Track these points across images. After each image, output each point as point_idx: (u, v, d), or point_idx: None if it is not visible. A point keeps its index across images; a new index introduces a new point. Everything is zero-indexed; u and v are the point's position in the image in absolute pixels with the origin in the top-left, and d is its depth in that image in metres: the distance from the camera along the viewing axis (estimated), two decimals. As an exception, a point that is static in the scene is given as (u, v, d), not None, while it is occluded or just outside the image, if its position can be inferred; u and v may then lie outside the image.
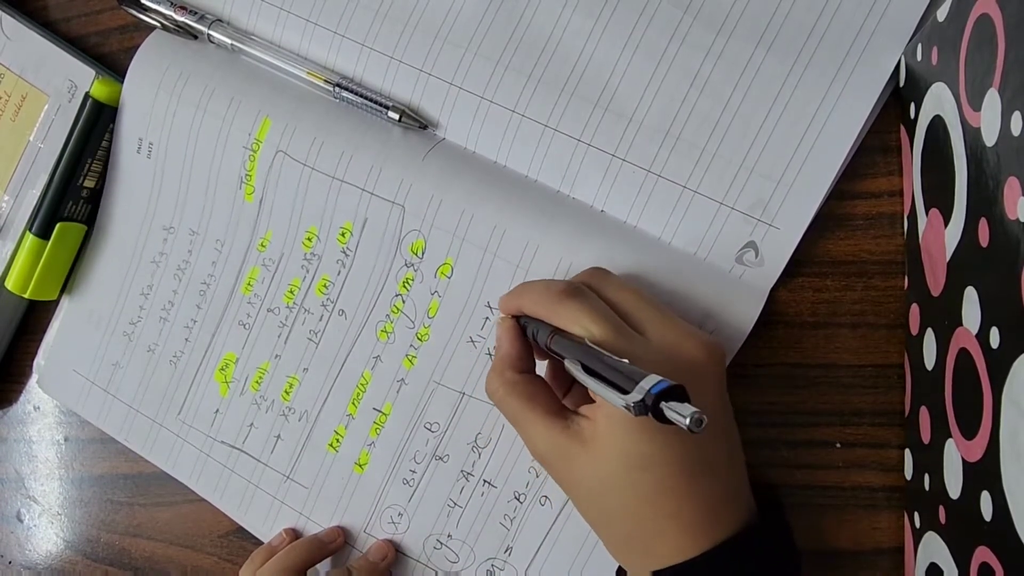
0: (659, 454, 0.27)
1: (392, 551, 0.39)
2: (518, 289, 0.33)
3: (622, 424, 0.27)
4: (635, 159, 0.35)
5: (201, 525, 0.44)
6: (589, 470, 0.29)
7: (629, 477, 0.28)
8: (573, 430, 0.29)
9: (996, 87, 0.24)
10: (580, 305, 0.29)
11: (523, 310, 0.32)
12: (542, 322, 0.31)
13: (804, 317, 0.35)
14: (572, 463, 0.29)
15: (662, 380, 0.23)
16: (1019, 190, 0.22)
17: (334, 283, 0.39)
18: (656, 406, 0.22)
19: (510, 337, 0.32)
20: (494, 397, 0.31)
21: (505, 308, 0.33)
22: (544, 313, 0.30)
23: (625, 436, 0.27)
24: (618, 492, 0.28)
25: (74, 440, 0.47)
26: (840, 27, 0.33)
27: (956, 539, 0.28)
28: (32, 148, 0.43)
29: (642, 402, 0.23)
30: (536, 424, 0.30)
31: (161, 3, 0.41)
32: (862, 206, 0.34)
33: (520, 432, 0.31)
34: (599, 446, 0.28)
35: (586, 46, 0.35)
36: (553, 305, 0.30)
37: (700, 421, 0.21)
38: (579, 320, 0.29)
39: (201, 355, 0.42)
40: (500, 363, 0.32)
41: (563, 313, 0.29)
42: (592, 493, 0.29)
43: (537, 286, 0.32)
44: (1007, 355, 0.23)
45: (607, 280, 0.32)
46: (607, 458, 0.28)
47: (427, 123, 0.38)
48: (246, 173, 0.40)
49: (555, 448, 0.29)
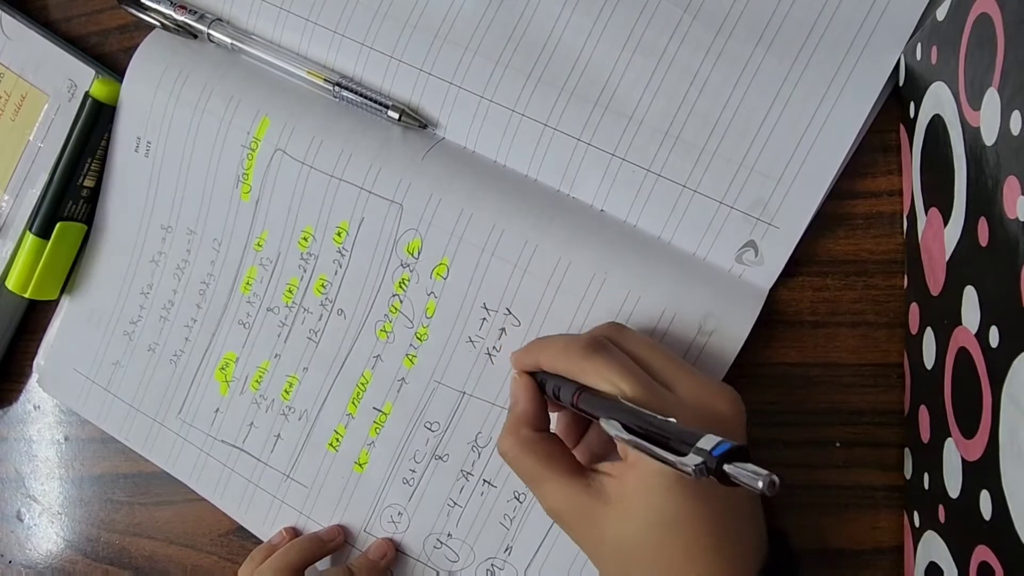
0: (691, 515, 0.27)
1: (392, 550, 0.39)
2: (534, 345, 0.32)
3: (651, 485, 0.27)
4: (635, 159, 0.35)
5: (201, 524, 0.44)
6: (614, 529, 0.28)
7: (658, 537, 0.27)
8: (595, 488, 0.28)
9: (995, 86, 0.24)
10: (607, 361, 0.28)
11: (541, 366, 0.31)
12: (564, 379, 0.30)
13: (804, 316, 0.35)
14: (594, 522, 0.28)
15: (723, 441, 0.22)
16: (1018, 189, 0.22)
17: (332, 283, 0.39)
18: (719, 468, 0.21)
19: (527, 395, 0.31)
20: (508, 456, 0.30)
21: (520, 364, 0.32)
22: (567, 369, 0.30)
23: (655, 497, 0.27)
24: (644, 552, 0.27)
25: (74, 440, 0.47)
26: (840, 26, 0.33)
27: (955, 538, 0.28)
28: (32, 148, 0.43)
29: (704, 464, 0.22)
30: (555, 483, 0.29)
31: (161, 2, 0.41)
32: (862, 205, 0.34)
33: (536, 491, 0.30)
34: (626, 505, 0.27)
35: (586, 46, 0.35)
36: (578, 361, 0.29)
37: (774, 484, 0.20)
38: (607, 376, 0.28)
39: (201, 354, 0.42)
40: (515, 422, 0.31)
41: (589, 369, 0.28)
42: (615, 553, 0.28)
43: (557, 342, 0.31)
44: (1006, 354, 0.23)
45: (626, 335, 0.31)
46: (634, 517, 0.27)
47: (427, 123, 0.38)
48: (243, 172, 0.40)
49: (576, 507, 0.28)
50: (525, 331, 0.36)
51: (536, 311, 0.35)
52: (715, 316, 0.33)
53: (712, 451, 0.22)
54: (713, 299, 0.33)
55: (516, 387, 0.32)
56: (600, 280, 0.34)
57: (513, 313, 0.36)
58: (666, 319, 0.33)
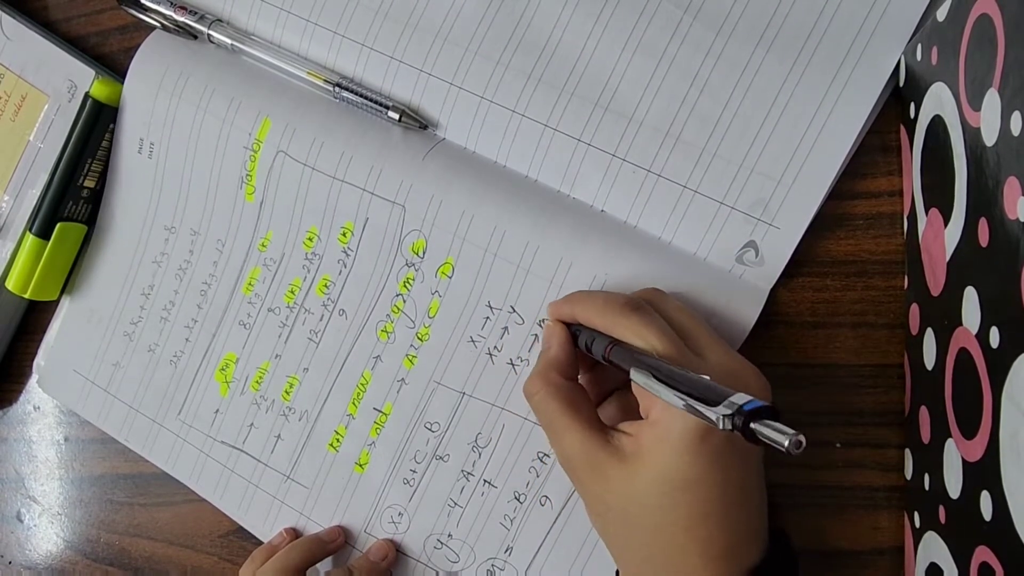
0: (703, 478, 0.27)
1: (393, 551, 0.39)
2: (574, 296, 0.32)
3: (670, 443, 0.27)
4: (635, 159, 0.35)
5: (201, 525, 0.44)
6: (624, 487, 0.28)
7: (668, 498, 0.27)
8: (613, 444, 0.28)
9: (996, 87, 0.24)
10: (644, 319, 0.29)
11: (577, 318, 0.32)
12: (599, 333, 0.30)
13: (804, 317, 0.35)
14: (606, 477, 0.28)
15: (753, 399, 0.22)
16: (1019, 190, 0.22)
17: (335, 283, 0.39)
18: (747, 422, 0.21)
19: (560, 341, 0.32)
20: (534, 398, 0.31)
21: (556, 313, 0.32)
22: (604, 324, 0.30)
23: (671, 456, 0.27)
24: (651, 512, 0.28)
25: (74, 440, 0.47)
26: (840, 27, 0.33)
27: (956, 539, 0.28)
28: (32, 148, 0.43)
29: (732, 416, 0.22)
30: (574, 432, 0.29)
31: (161, 3, 0.41)
32: (862, 206, 0.34)
33: (553, 438, 0.30)
34: (640, 463, 0.27)
35: (586, 46, 0.35)
36: (616, 316, 0.29)
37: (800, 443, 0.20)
38: (642, 334, 0.28)
39: (201, 355, 0.42)
40: (546, 365, 0.31)
41: (626, 325, 0.29)
42: (620, 510, 0.29)
43: (597, 296, 0.31)
44: (1007, 355, 0.23)
45: (666, 300, 0.31)
46: (647, 476, 0.27)
47: (427, 123, 0.38)
48: (247, 173, 0.40)
49: (590, 459, 0.29)
50: (528, 329, 0.36)
51: (539, 310, 0.35)
52: (715, 316, 0.33)
53: (743, 405, 0.22)
54: (713, 299, 0.33)
55: (549, 333, 0.32)
56: (601, 280, 0.34)
57: (517, 311, 0.36)
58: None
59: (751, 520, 0.29)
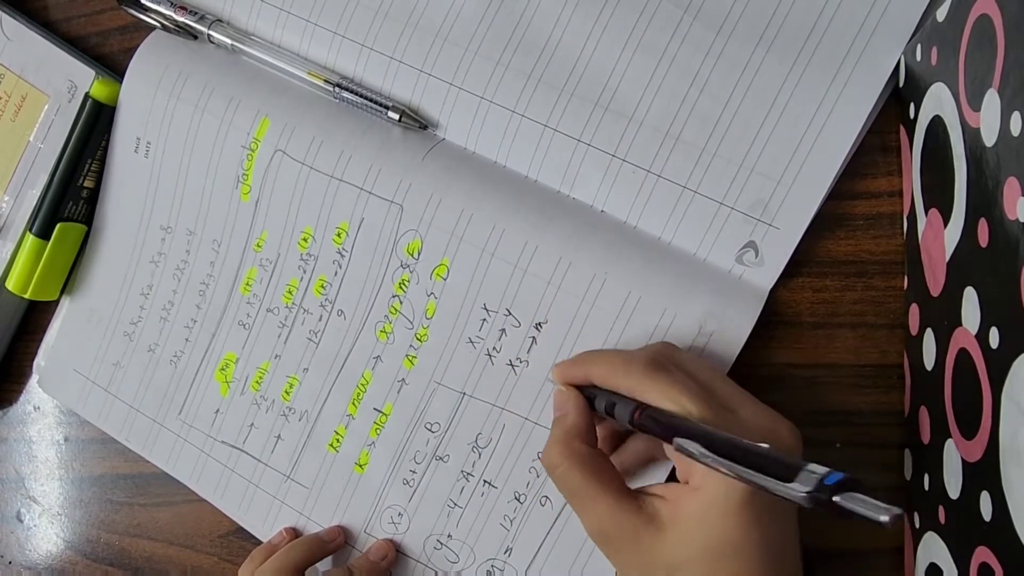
0: (749, 542, 0.26)
1: (392, 551, 0.39)
2: (585, 358, 0.31)
3: (716, 509, 0.26)
4: (635, 159, 0.35)
5: (201, 525, 0.44)
6: (664, 555, 0.27)
7: (712, 565, 0.26)
8: (647, 512, 0.27)
9: (996, 87, 0.24)
10: (671, 379, 0.27)
11: (592, 380, 0.30)
12: (619, 395, 0.29)
13: (804, 317, 0.35)
14: (644, 547, 0.27)
15: (832, 471, 0.21)
16: (1019, 190, 0.22)
17: (331, 284, 0.39)
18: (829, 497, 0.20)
19: (577, 407, 0.30)
20: (558, 470, 0.29)
21: (567, 377, 0.31)
22: (627, 386, 0.28)
23: (717, 521, 0.26)
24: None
25: (74, 440, 0.47)
26: (840, 27, 0.33)
27: (956, 539, 0.28)
28: (32, 148, 0.43)
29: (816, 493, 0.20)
30: (604, 503, 0.28)
31: (161, 3, 0.41)
32: (862, 206, 0.34)
33: (581, 509, 0.29)
34: (680, 530, 0.26)
35: (586, 46, 0.35)
36: (640, 378, 0.28)
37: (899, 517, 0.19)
38: (672, 396, 0.27)
39: (201, 355, 0.42)
40: (566, 435, 0.29)
41: (652, 387, 0.27)
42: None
43: (615, 356, 0.30)
44: (1007, 355, 0.23)
45: (683, 355, 0.30)
46: (689, 543, 0.26)
47: (427, 123, 0.38)
48: (243, 173, 0.40)
49: (625, 530, 0.27)
50: (525, 332, 0.36)
51: (536, 312, 0.35)
52: (715, 317, 0.33)
53: (824, 479, 0.20)
54: (713, 300, 0.33)
55: (563, 399, 0.31)
56: (600, 281, 0.34)
57: (513, 314, 0.36)
58: (666, 320, 0.33)
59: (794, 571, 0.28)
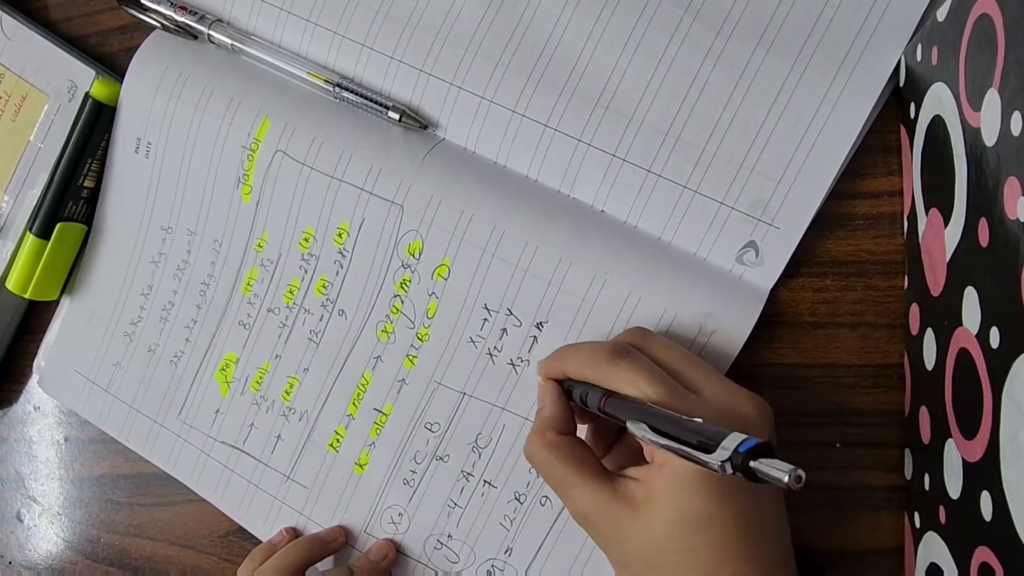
0: (716, 515, 0.26)
1: (393, 550, 0.39)
2: (560, 353, 0.32)
3: (679, 485, 0.27)
4: (635, 159, 0.35)
5: (201, 525, 0.44)
6: (642, 534, 0.28)
7: (686, 541, 0.27)
8: (622, 493, 0.28)
9: (996, 87, 0.24)
10: (632, 366, 0.29)
11: (567, 373, 0.31)
12: (591, 385, 0.30)
13: (804, 317, 0.35)
14: (621, 526, 0.28)
15: (748, 438, 0.22)
16: (1019, 190, 0.22)
17: (332, 283, 0.39)
18: (745, 464, 0.21)
19: (553, 399, 0.31)
20: (535, 459, 0.30)
21: (547, 372, 0.32)
22: (594, 376, 0.30)
23: (682, 497, 0.27)
24: (672, 556, 0.27)
25: (74, 440, 0.47)
26: (840, 27, 0.33)
27: (956, 539, 0.28)
28: (32, 148, 0.43)
29: (730, 460, 0.22)
30: (582, 487, 0.29)
31: (161, 3, 0.41)
32: (862, 206, 0.34)
33: (563, 495, 0.30)
34: (653, 508, 0.27)
35: (586, 46, 0.35)
36: (603, 367, 0.29)
37: (800, 477, 0.20)
38: (633, 381, 0.28)
39: (201, 355, 0.42)
40: (542, 425, 0.31)
41: (615, 375, 0.29)
42: (643, 557, 0.28)
43: (582, 349, 0.31)
44: (1007, 355, 0.23)
45: (651, 340, 0.31)
46: (662, 520, 0.27)
47: (427, 123, 0.38)
48: (244, 173, 0.40)
49: (603, 511, 0.28)
50: (526, 331, 0.36)
51: (537, 312, 0.35)
52: (716, 316, 0.33)
53: (738, 447, 0.22)
54: (714, 300, 0.33)
55: (542, 392, 0.32)
56: (601, 281, 0.34)
57: (514, 314, 0.36)
58: (667, 320, 0.33)
59: (775, 554, 0.28)
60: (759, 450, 0.22)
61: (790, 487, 0.20)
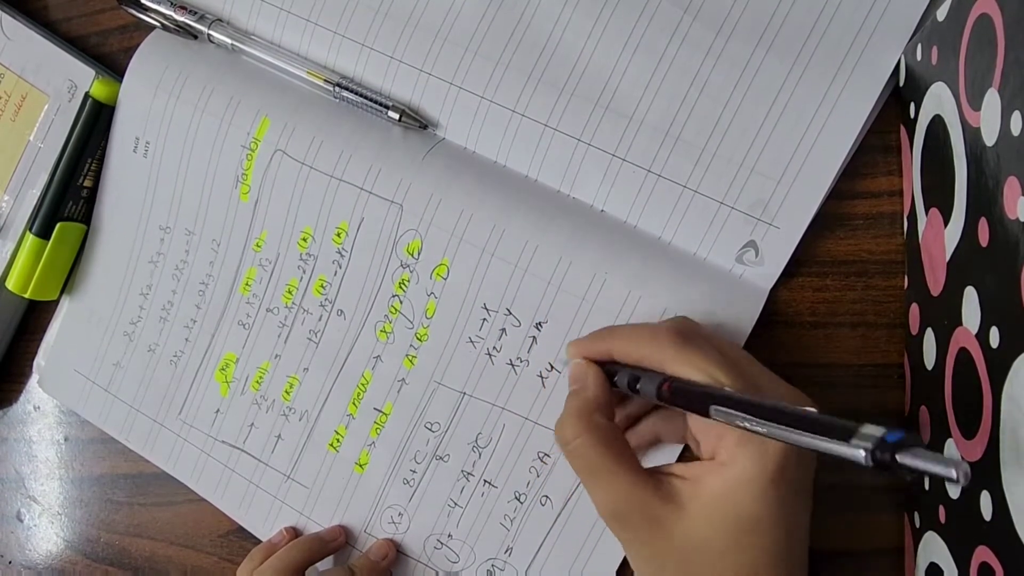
0: (775, 519, 0.25)
1: (393, 550, 0.39)
2: (605, 333, 0.30)
3: (745, 485, 0.25)
4: (635, 159, 0.35)
5: (201, 525, 0.44)
6: (683, 534, 0.26)
7: (736, 543, 0.26)
8: (665, 490, 0.26)
9: (996, 87, 0.24)
10: (700, 350, 0.27)
11: (614, 354, 0.29)
12: (642, 369, 0.28)
13: (804, 317, 0.35)
14: (662, 527, 0.26)
15: (891, 429, 0.20)
16: (1019, 190, 0.22)
17: (331, 283, 0.39)
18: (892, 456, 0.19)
19: (597, 381, 0.29)
20: (571, 444, 0.28)
21: (586, 352, 0.30)
22: (655, 358, 0.28)
23: (740, 498, 0.25)
24: (717, 559, 0.26)
25: (74, 440, 0.47)
26: (840, 27, 0.33)
27: (956, 539, 0.28)
28: (32, 148, 0.43)
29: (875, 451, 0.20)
30: (620, 479, 0.27)
31: (161, 3, 0.41)
32: (862, 206, 0.34)
33: (595, 486, 0.28)
34: (702, 508, 0.26)
35: (586, 46, 0.35)
36: (667, 349, 0.27)
37: (967, 474, 0.18)
38: (702, 367, 0.26)
39: (201, 355, 0.42)
40: (585, 407, 0.28)
41: (680, 358, 0.27)
42: (681, 557, 0.26)
43: (638, 330, 0.29)
44: (1007, 355, 0.23)
45: (706, 330, 0.30)
46: (711, 521, 0.26)
47: (427, 123, 0.38)
48: (242, 173, 0.40)
49: (640, 507, 0.27)
50: (525, 331, 0.36)
51: (536, 312, 0.35)
52: (715, 316, 0.33)
53: (884, 437, 0.19)
54: (713, 299, 0.33)
55: (581, 372, 0.30)
56: (601, 280, 0.34)
57: (513, 313, 0.36)
58: (667, 319, 0.33)
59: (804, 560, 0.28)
60: (909, 442, 0.19)
61: (958, 482, 0.18)
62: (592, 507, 0.29)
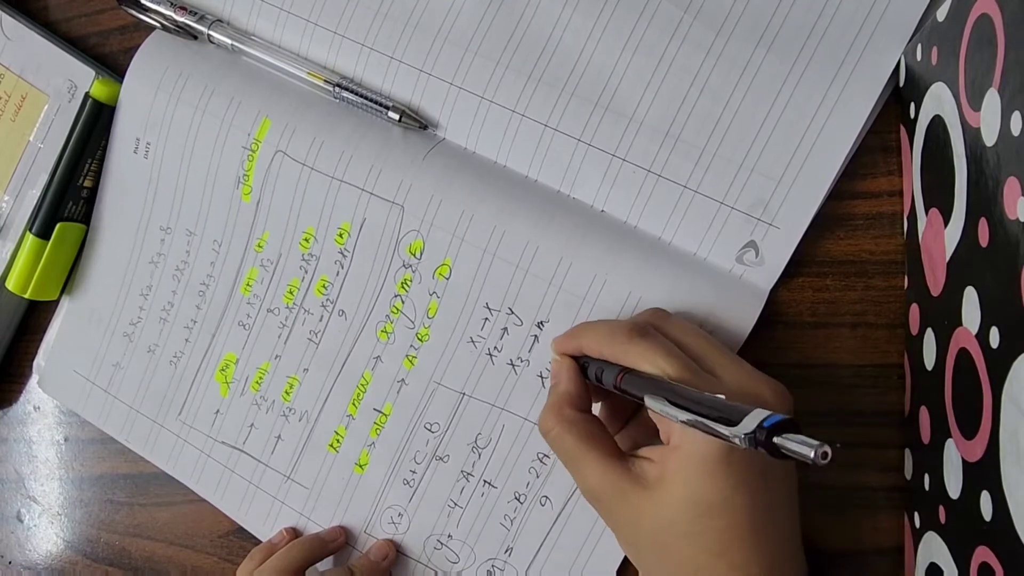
0: (729, 501, 0.26)
1: (393, 551, 0.39)
2: (577, 330, 0.32)
3: (693, 467, 0.26)
4: (635, 159, 0.35)
5: (201, 525, 0.44)
6: (653, 514, 0.27)
7: (697, 524, 0.27)
8: (635, 472, 0.28)
9: (996, 87, 0.24)
10: (651, 344, 0.28)
11: (583, 350, 0.31)
12: (607, 362, 0.30)
13: (804, 317, 0.35)
14: (632, 505, 0.28)
15: (772, 414, 0.21)
16: (1019, 190, 0.22)
17: (333, 284, 0.39)
18: (769, 439, 0.21)
19: (569, 374, 0.31)
20: (549, 435, 0.30)
21: (562, 348, 0.32)
22: (612, 353, 0.30)
23: (696, 480, 0.26)
24: (683, 539, 0.27)
25: (74, 440, 0.47)
26: (840, 27, 0.33)
27: (956, 539, 0.28)
28: (32, 148, 0.43)
29: (754, 434, 0.21)
30: (594, 464, 0.29)
31: (161, 3, 0.41)
32: (862, 206, 0.34)
33: (575, 472, 0.30)
34: (666, 490, 0.27)
35: (586, 46, 0.35)
36: (622, 344, 0.29)
37: (826, 454, 0.19)
38: (651, 359, 0.28)
39: (201, 356, 0.42)
40: (558, 400, 0.31)
41: (633, 352, 0.29)
42: (652, 539, 0.28)
43: (600, 326, 0.31)
44: (1007, 355, 0.23)
45: (670, 321, 0.31)
46: (674, 503, 0.27)
47: (427, 123, 0.38)
48: (244, 173, 0.40)
49: (614, 490, 0.28)
50: (527, 331, 0.36)
51: (538, 311, 0.35)
52: (715, 316, 0.33)
53: (762, 422, 0.21)
54: (713, 299, 0.33)
55: (558, 368, 0.32)
56: (601, 280, 0.34)
57: (515, 313, 0.36)
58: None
59: (784, 544, 0.28)
60: (784, 426, 0.21)
61: (816, 463, 0.20)
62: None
